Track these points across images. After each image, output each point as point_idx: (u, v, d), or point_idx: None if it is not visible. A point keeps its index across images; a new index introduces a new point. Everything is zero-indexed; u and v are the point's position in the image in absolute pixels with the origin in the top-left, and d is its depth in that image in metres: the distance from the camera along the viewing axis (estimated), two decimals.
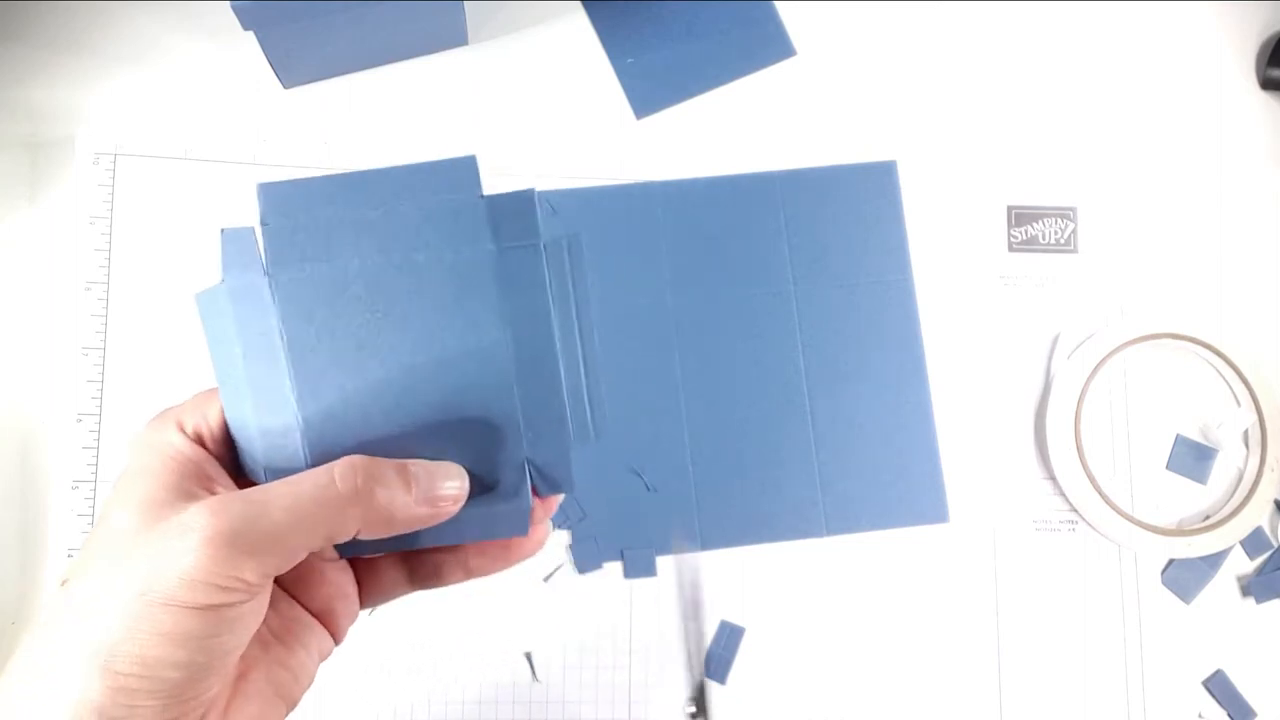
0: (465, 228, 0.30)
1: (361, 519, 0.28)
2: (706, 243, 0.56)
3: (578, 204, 0.55)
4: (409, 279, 0.29)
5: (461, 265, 0.30)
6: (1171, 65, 0.60)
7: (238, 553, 0.26)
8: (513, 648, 0.52)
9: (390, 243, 0.29)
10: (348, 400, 0.29)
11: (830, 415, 0.55)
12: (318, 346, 0.29)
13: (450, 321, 0.30)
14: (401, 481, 0.28)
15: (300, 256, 0.29)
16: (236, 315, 0.29)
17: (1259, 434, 0.56)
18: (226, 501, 0.27)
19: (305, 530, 0.27)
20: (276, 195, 0.30)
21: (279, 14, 0.48)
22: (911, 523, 0.54)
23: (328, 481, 0.27)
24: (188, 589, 0.25)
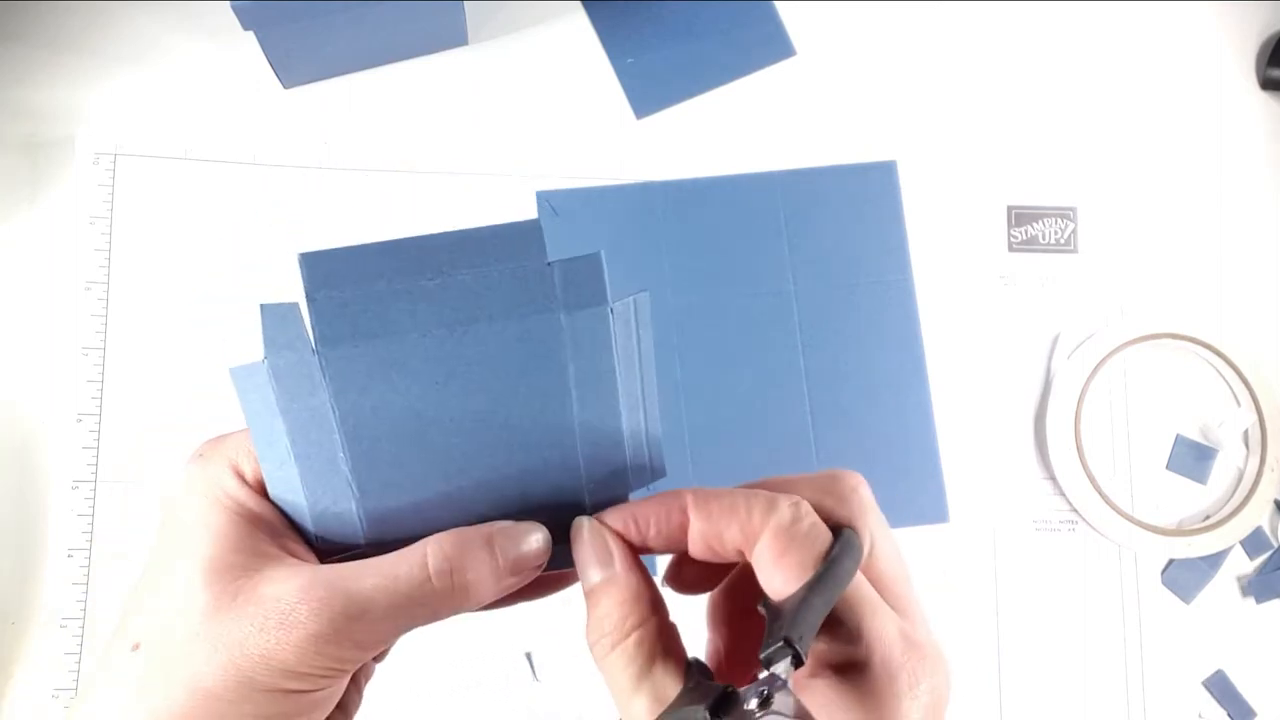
0: (532, 294, 0.29)
1: (457, 608, 0.27)
2: (706, 243, 0.56)
3: (578, 204, 0.55)
4: (473, 350, 0.28)
5: (530, 334, 0.29)
6: (1171, 65, 0.60)
7: (344, 647, 0.26)
8: (513, 648, 0.52)
9: (451, 314, 0.28)
10: (408, 472, 0.28)
11: (830, 415, 0.55)
12: (372, 420, 0.28)
13: (515, 388, 0.29)
14: (490, 558, 0.27)
15: (353, 332, 0.27)
16: (280, 392, 0.28)
17: (1259, 434, 0.56)
18: (327, 594, 0.26)
19: (403, 624, 0.27)
20: (321, 266, 0.27)
21: (279, 14, 0.48)
22: (911, 523, 0.54)
23: (424, 578, 0.26)
24: (291, 680, 0.25)
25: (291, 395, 0.28)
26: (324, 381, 0.28)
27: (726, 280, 0.55)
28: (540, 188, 0.55)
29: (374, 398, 0.28)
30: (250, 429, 0.28)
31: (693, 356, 0.55)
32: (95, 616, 0.50)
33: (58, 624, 0.49)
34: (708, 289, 0.55)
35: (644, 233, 0.55)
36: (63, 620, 0.49)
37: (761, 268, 0.56)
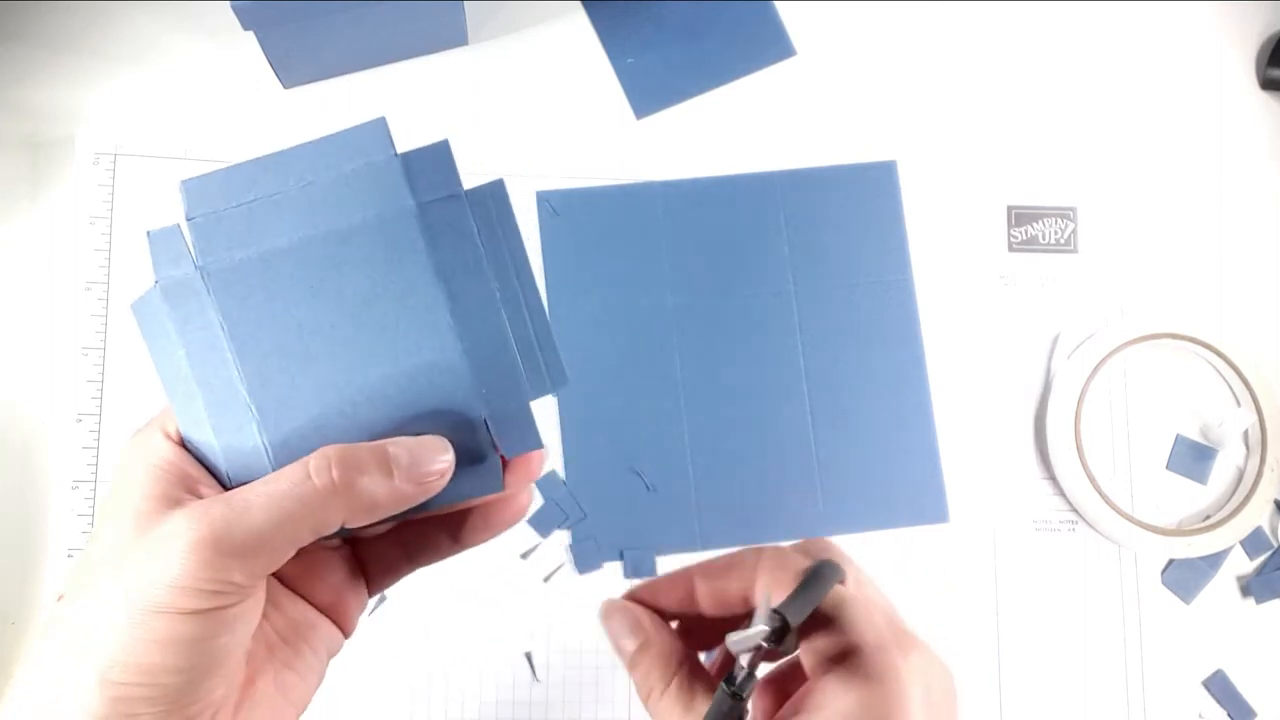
0: (383, 188, 0.29)
1: (345, 509, 0.27)
2: (706, 243, 0.56)
3: (578, 204, 0.55)
4: (336, 249, 0.29)
5: (385, 226, 0.29)
6: (1171, 65, 0.60)
7: (223, 556, 0.25)
8: (513, 648, 0.52)
9: (313, 216, 0.29)
10: (298, 385, 0.29)
11: (830, 415, 0.55)
12: (260, 335, 0.29)
13: (386, 286, 0.29)
14: (381, 465, 0.28)
15: (229, 244, 0.29)
16: (174, 315, 0.29)
17: (1259, 434, 0.56)
18: (208, 506, 0.26)
19: (288, 528, 0.27)
20: (198, 188, 0.29)
21: (279, 14, 0.48)
22: (911, 523, 0.54)
23: (303, 477, 0.27)
24: (177, 595, 0.25)
25: (185, 318, 0.29)
26: (210, 298, 0.29)
27: (726, 280, 0.55)
28: (540, 188, 0.55)
29: (256, 308, 0.29)
30: (155, 365, 0.29)
31: (692, 356, 0.55)
32: None
33: None
34: (708, 289, 0.55)
35: (644, 233, 0.55)
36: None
37: (761, 268, 0.56)
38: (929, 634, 0.55)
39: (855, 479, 0.54)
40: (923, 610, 0.54)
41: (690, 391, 0.54)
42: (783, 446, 0.54)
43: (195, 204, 0.29)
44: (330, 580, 0.32)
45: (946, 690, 0.30)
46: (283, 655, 0.30)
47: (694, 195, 0.56)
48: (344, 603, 0.32)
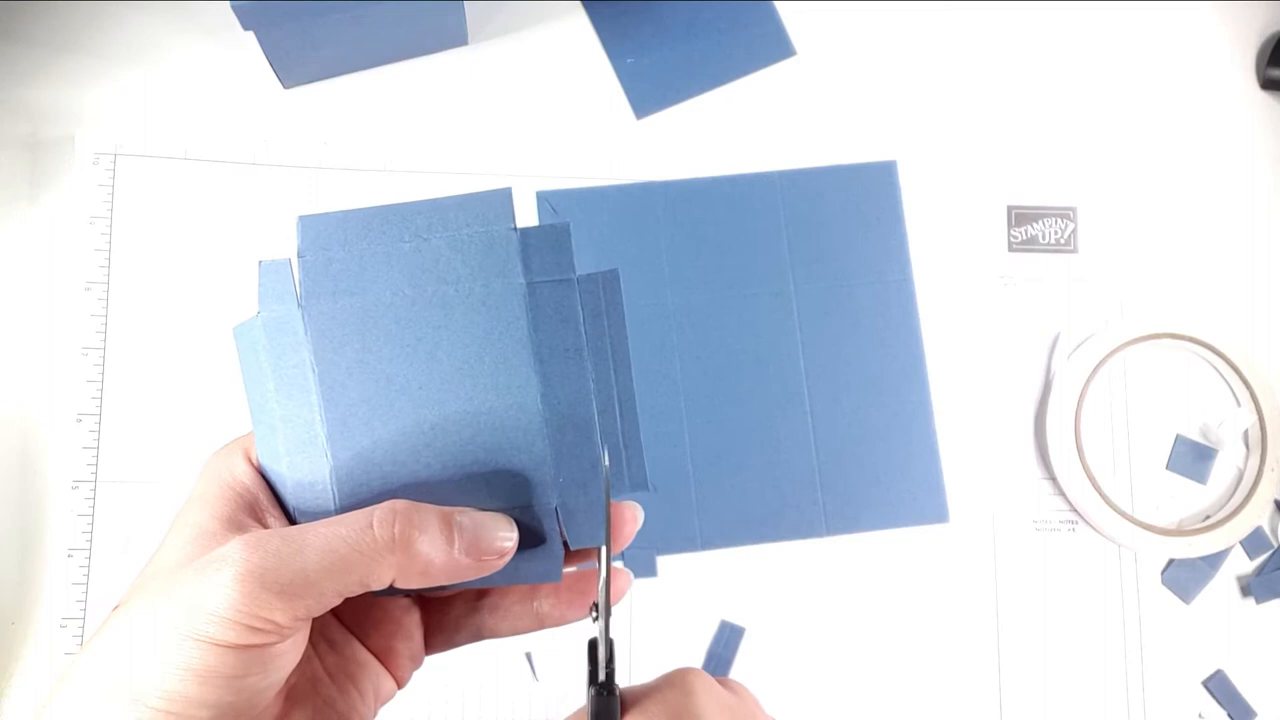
0: (496, 260, 0.29)
1: (398, 568, 0.27)
2: (706, 243, 0.56)
3: (578, 204, 0.55)
4: (439, 313, 0.29)
5: (492, 299, 0.29)
6: (1171, 65, 0.60)
7: (268, 593, 0.25)
8: (513, 648, 0.52)
9: (422, 274, 0.29)
10: (377, 440, 0.29)
11: (830, 415, 0.55)
12: (348, 382, 0.29)
13: (480, 358, 0.29)
14: (444, 531, 0.27)
15: (334, 289, 0.29)
16: (270, 348, 0.29)
17: (1259, 434, 0.56)
18: (263, 538, 0.26)
19: (338, 575, 0.26)
20: (314, 227, 0.29)
21: (279, 14, 0.48)
22: (911, 523, 0.54)
23: (365, 526, 0.27)
24: (218, 626, 0.25)
25: (279, 352, 0.29)
26: (306, 338, 0.29)
27: (726, 280, 0.55)
28: (540, 188, 0.55)
29: (348, 357, 0.29)
30: (246, 393, 0.29)
31: (692, 356, 0.55)
32: (95, 616, 0.50)
33: (58, 624, 0.49)
34: (708, 289, 0.55)
35: (644, 233, 0.55)
36: (63, 620, 0.49)
37: (761, 268, 0.56)
38: (929, 634, 0.55)
39: (855, 479, 0.54)
40: (923, 610, 0.54)
41: (690, 391, 0.54)
42: (783, 446, 0.54)
43: (309, 241, 0.29)
44: (386, 627, 0.31)
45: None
46: (327, 693, 0.30)
47: (694, 195, 0.56)
48: (395, 651, 0.32)
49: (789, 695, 0.53)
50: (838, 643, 0.53)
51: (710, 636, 0.53)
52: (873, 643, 0.53)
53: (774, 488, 0.54)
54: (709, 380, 0.54)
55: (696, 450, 0.54)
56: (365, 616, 0.31)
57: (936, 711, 0.53)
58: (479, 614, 0.33)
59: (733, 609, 0.53)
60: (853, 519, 0.54)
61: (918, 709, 0.53)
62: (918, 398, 0.55)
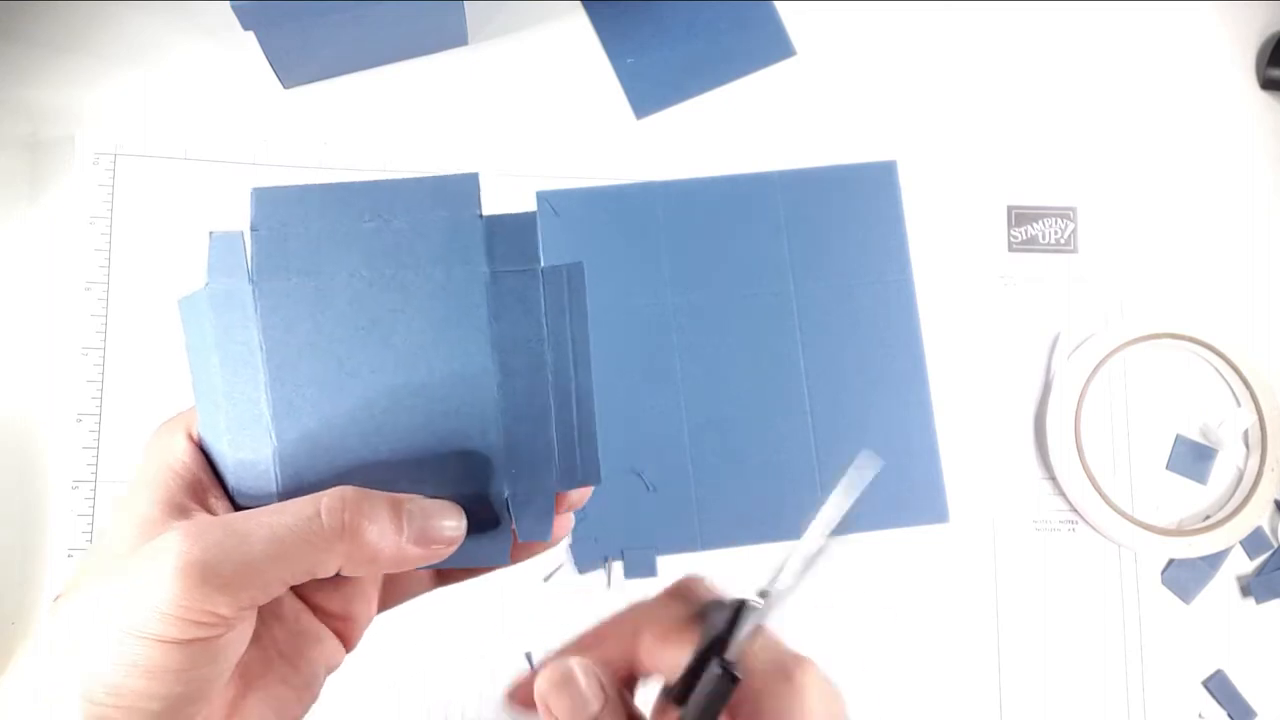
0: (459, 247, 0.28)
1: (345, 556, 0.26)
2: (706, 243, 0.56)
3: (578, 204, 0.55)
4: (396, 296, 0.28)
5: (452, 286, 0.28)
6: (1171, 65, 0.60)
7: (211, 586, 0.24)
8: (513, 648, 0.52)
9: (380, 258, 0.28)
10: (326, 422, 0.28)
11: (830, 415, 0.55)
12: (298, 362, 0.28)
13: (436, 344, 0.28)
14: (393, 519, 0.27)
15: (287, 266, 0.28)
16: (217, 322, 0.28)
17: (1259, 434, 0.56)
18: (204, 528, 0.25)
19: (284, 565, 0.25)
20: (269, 201, 0.28)
21: (279, 14, 0.48)
22: (911, 523, 0.54)
23: (313, 514, 0.26)
24: (161, 622, 0.24)
25: (226, 327, 0.28)
26: (255, 314, 0.28)
27: (726, 280, 0.55)
28: (540, 188, 0.55)
29: (299, 337, 0.28)
30: (190, 363, 0.28)
31: (692, 356, 0.55)
32: None
33: None
34: (708, 289, 0.55)
35: (644, 233, 0.55)
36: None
37: (761, 268, 0.56)
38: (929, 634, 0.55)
39: None
40: (923, 610, 0.54)
41: (690, 391, 0.54)
42: (783, 446, 0.54)
43: (263, 215, 0.28)
44: (344, 590, 0.31)
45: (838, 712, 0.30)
46: (280, 670, 0.29)
47: (694, 195, 0.56)
48: (352, 615, 0.31)
49: None
50: (837, 643, 0.53)
51: None
52: (873, 643, 0.53)
53: (774, 488, 0.54)
54: (709, 380, 0.54)
55: (696, 450, 0.54)
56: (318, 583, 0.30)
57: (937, 712, 0.53)
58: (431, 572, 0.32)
59: None
60: (852, 519, 0.54)
61: (918, 709, 0.53)
62: (918, 398, 0.55)
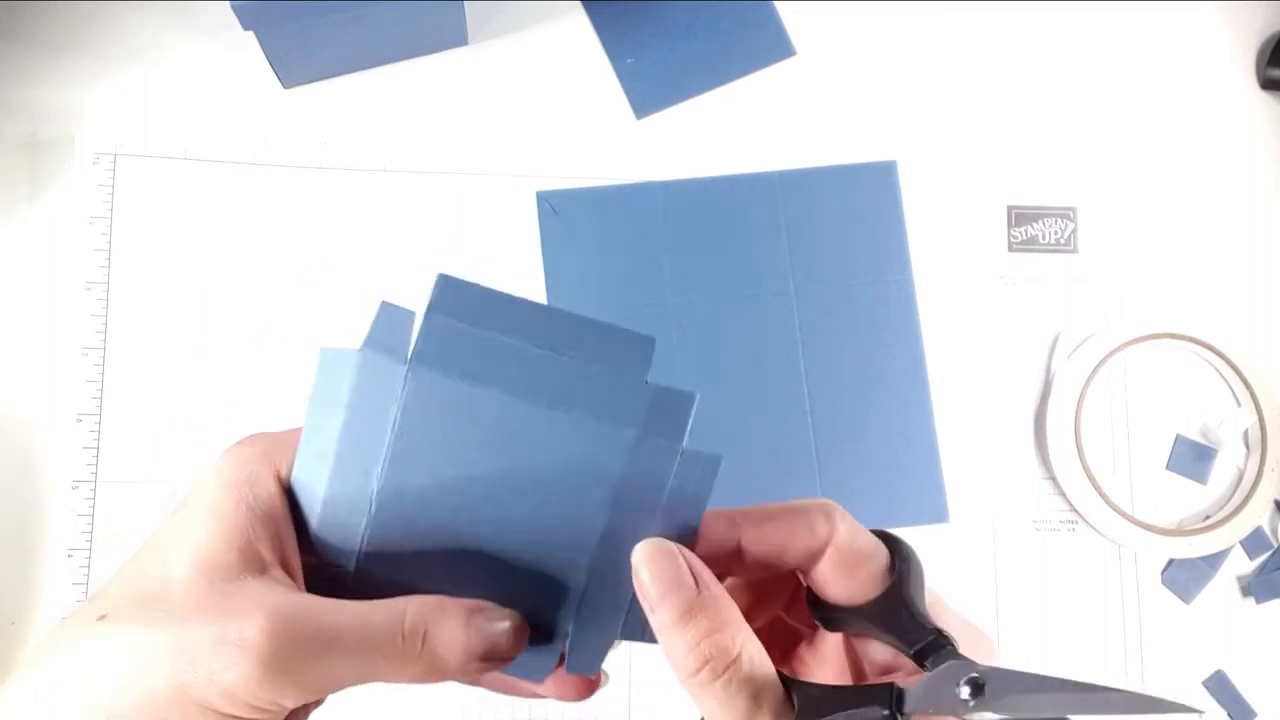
0: (617, 405, 0.29)
1: (416, 676, 0.26)
2: (706, 243, 0.56)
3: (578, 204, 0.55)
4: (542, 429, 0.28)
5: (595, 437, 0.29)
6: (1171, 65, 0.60)
7: (288, 681, 0.24)
8: None
9: (541, 388, 0.28)
10: (427, 510, 0.28)
11: (830, 415, 0.55)
12: (422, 453, 0.28)
13: (560, 480, 0.29)
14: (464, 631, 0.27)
15: (448, 363, 0.28)
16: (358, 387, 0.28)
17: (1259, 434, 0.56)
18: (291, 616, 0.25)
19: (359, 674, 0.25)
20: (452, 292, 0.28)
21: (279, 14, 0.48)
22: (911, 523, 0.54)
23: (399, 617, 0.26)
24: (227, 703, 0.24)
25: (365, 394, 0.28)
26: (400, 397, 0.28)
27: (726, 280, 0.55)
28: (540, 188, 0.55)
29: (434, 433, 0.28)
30: (308, 411, 0.28)
31: (692, 356, 0.55)
32: None
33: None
34: (708, 289, 0.55)
35: (644, 233, 0.55)
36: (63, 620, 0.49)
37: (761, 268, 0.56)
38: None
39: (855, 479, 0.54)
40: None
41: None
42: (783, 446, 0.54)
43: (441, 305, 0.28)
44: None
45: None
46: None
47: (694, 195, 0.56)
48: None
49: None
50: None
51: None
52: None
53: (774, 488, 0.54)
54: (709, 380, 0.54)
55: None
56: None
57: None
58: None
59: None
60: None
61: None
62: (918, 398, 0.55)
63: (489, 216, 0.55)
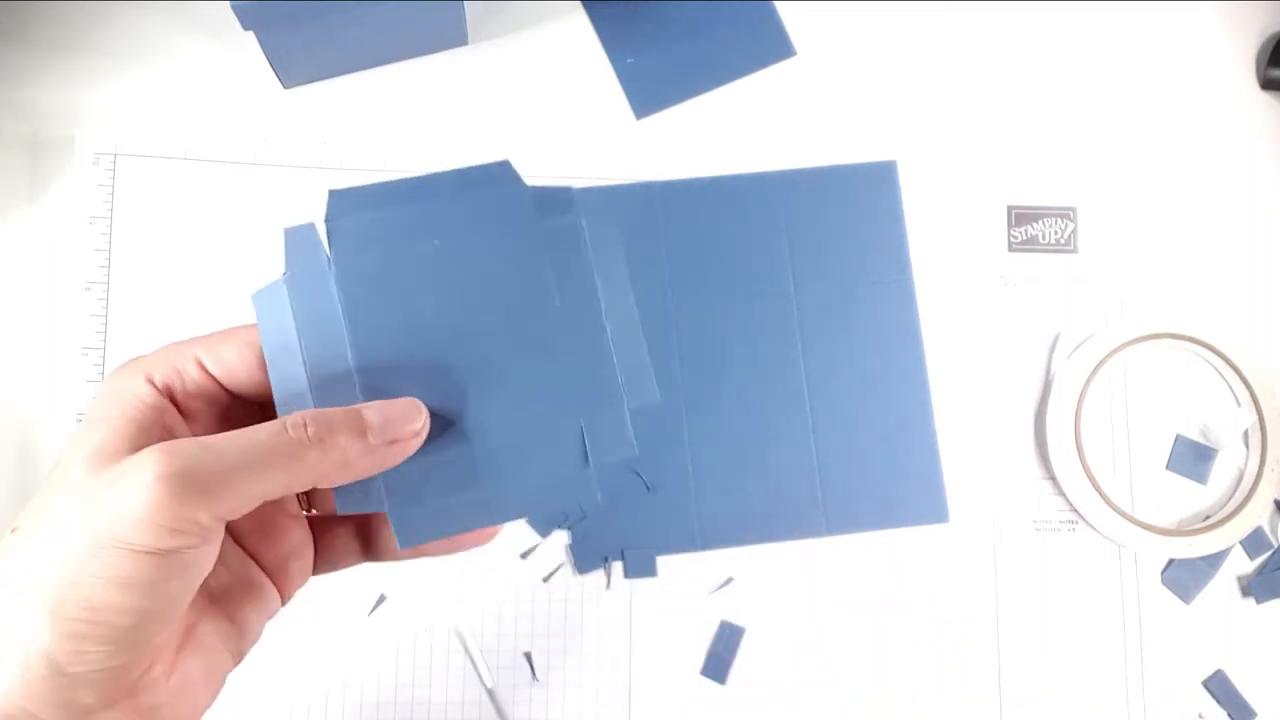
0: (515, 209, 0.32)
1: (319, 464, 0.28)
2: (706, 243, 0.56)
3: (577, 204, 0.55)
4: (469, 259, 0.31)
5: (512, 237, 0.32)
6: (1171, 65, 0.60)
7: (191, 493, 0.25)
8: (513, 648, 0.52)
9: (450, 230, 0.31)
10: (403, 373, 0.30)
11: (830, 415, 0.55)
12: (378, 333, 0.30)
13: (507, 293, 0.31)
14: (356, 426, 0.28)
15: (364, 247, 0.31)
16: (297, 309, 0.30)
17: (1259, 434, 0.56)
18: (179, 444, 0.26)
19: (261, 476, 0.27)
20: (339, 197, 0.31)
21: (279, 14, 0.48)
22: (911, 523, 0.54)
23: (280, 430, 0.27)
24: (139, 530, 0.25)
25: (308, 310, 0.30)
26: (338, 293, 0.30)
27: (726, 280, 0.55)
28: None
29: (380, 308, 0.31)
30: (267, 355, 0.30)
31: (692, 357, 0.55)
32: None
33: None
34: (708, 289, 0.55)
35: (644, 233, 0.55)
36: None
37: (761, 268, 0.56)
38: (929, 634, 0.55)
39: (855, 479, 0.54)
40: (923, 610, 0.54)
41: (690, 391, 0.54)
42: (783, 446, 0.54)
43: (335, 210, 0.31)
44: (282, 546, 0.32)
45: None
46: (225, 607, 0.31)
47: (694, 195, 0.56)
48: (288, 571, 0.32)
49: (789, 695, 0.53)
50: (838, 643, 0.53)
51: (710, 636, 0.53)
52: (873, 643, 0.53)
53: (774, 488, 0.54)
54: (709, 380, 0.54)
55: (696, 450, 0.54)
56: (262, 534, 0.32)
57: (937, 711, 0.53)
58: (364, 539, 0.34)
59: (733, 609, 0.53)
60: (852, 519, 0.54)
61: (918, 709, 0.53)
62: (918, 398, 0.55)
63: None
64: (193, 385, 0.30)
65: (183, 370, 0.30)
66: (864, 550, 0.54)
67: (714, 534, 0.53)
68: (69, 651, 0.25)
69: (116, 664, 0.26)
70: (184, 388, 0.30)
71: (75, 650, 0.25)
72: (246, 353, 0.31)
